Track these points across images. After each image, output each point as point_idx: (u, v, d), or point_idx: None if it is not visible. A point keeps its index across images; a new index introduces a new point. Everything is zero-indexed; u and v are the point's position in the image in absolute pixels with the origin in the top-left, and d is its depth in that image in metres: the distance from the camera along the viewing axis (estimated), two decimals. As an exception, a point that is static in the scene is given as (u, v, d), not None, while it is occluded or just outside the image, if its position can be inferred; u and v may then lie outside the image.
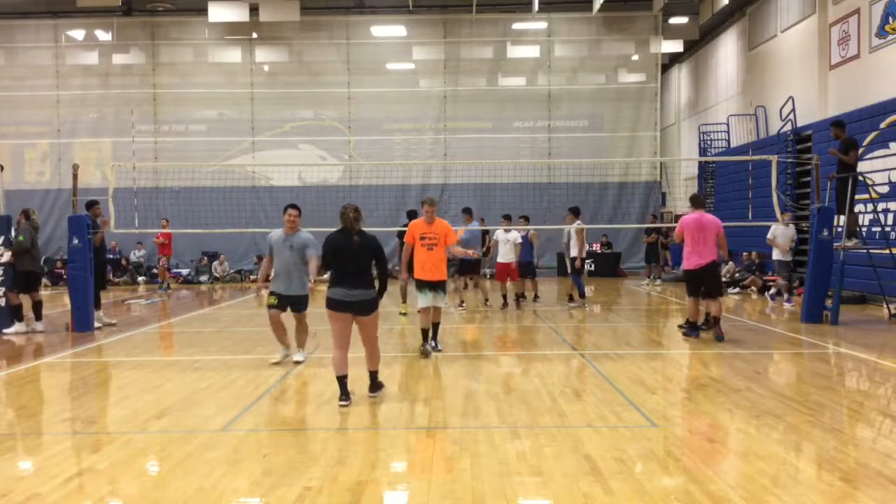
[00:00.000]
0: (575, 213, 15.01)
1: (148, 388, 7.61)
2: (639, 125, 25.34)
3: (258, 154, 25.35)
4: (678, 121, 29.52)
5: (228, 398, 7.10)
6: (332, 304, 6.72)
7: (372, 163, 24.18)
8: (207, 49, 25.65)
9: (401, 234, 11.36)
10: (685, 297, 10.98)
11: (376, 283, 6.88)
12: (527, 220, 15.26)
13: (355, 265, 6.72)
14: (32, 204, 16.80)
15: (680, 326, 11.20)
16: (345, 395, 6.74)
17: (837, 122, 12.93)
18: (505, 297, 14.92)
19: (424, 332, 9.36)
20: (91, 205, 12.68)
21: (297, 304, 8.81)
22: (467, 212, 14.95)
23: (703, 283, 10.42)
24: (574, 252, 14.62)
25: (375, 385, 7.08)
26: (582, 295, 14.96)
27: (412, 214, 12.79)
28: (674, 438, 5.71)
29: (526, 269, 14.94)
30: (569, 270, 15.01)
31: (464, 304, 14.63)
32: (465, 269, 15.12)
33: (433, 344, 9.45)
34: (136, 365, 9.05)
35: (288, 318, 8.86)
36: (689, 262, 10.45)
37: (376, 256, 6.83)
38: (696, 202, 10.72)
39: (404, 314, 13.39)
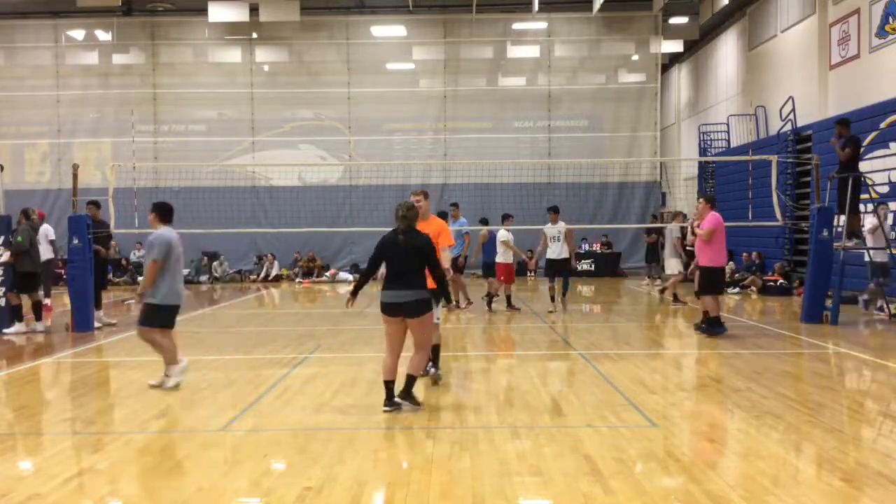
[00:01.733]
0: (557, 211, 14.17)
1: (148, 388, 7.60)
2: (639, 125, 25.33)
3: (258, 154, 25.35)
4: (678, 121, 29.52)
5: (228, 398, 7.10)
6: (383, 308, 6.45)
7: (372, 163, 24.17)
8: (207, 49, 25.65)
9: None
10: (689, 296, 11.00)
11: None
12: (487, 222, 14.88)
13: (403, 265, 6.41)
14: (32, 204, 16.74)
15: (701, 329, 10.95)
16: (389, 401, 6.44)
17: (842, 121, 12.84)
18: (509, 297, 14.30)
19: None
20: (88, 203, 12.69)
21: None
22: (455, 206, 14.39)
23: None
24: (565, 253, 13.90)
25: (408, 393, 6.53)
26: (563, 296, 14.19)
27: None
28: (674, 438, 5.71)
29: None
30: (557, 272, 14.01)
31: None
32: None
33: (431, 370, 7.80)
34: (136, 365, 9.04)
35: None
36: (724, 259, 10.71)
37: (424, 256, 6.44)
38: (715, 202, 10.87)
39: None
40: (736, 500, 4.36)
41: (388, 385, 6.49)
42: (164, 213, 7.70)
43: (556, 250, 13.85)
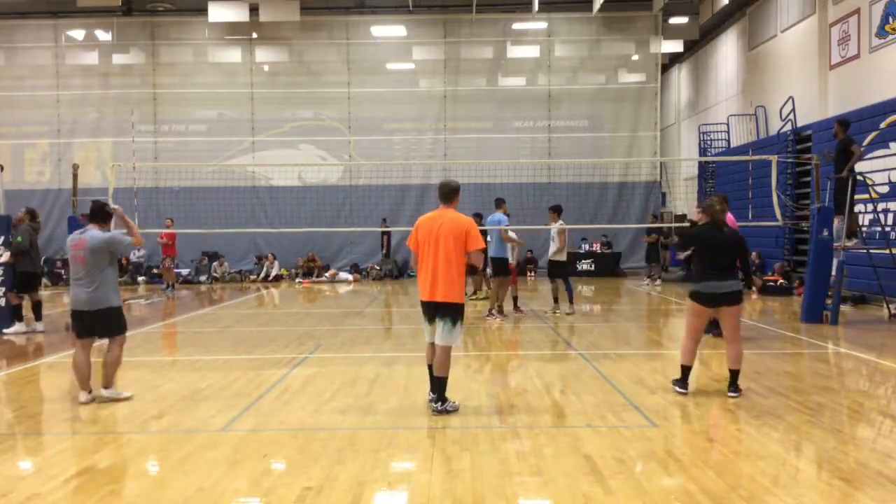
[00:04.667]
0: (558, 211, 13.80)
1: (148, 388, 7.61)
2: (639, 125, 25.33)
3: (258, 154, 25.35)
4: (678, 121, 29.52)
5: (228, 398, 7.10)
6: (706, 299, 6.86)
7: (372, 163, 24.18)
8: (207, 49, 25.65)
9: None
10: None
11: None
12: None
13: (726, 258, 6.86)
14: (32, 204, 16.78)
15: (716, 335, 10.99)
16: (683, 383, 7.02)
17: (842, 121, 12.84)
18: (515, 298, 13.97)
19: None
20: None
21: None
22: (502, 201, 13.67)
23: None
24: (556, 254, 13.59)
25: (735, 386, 6.96)
26: (570, 301, 13.75)
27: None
28: (674, 438, 5.71)
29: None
30: (549, 272, 13.81)
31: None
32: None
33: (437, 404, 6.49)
34: (137, 365, 9.04)
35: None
36: None
37: (743, 249, 6.99)
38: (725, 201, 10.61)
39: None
40: (736, 500, 4.37)
41: (686, 370, 7.05)
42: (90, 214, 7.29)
43: (551, 250, 13.81)
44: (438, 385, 6.38)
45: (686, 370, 7.07)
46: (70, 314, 7.17)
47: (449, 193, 6.45)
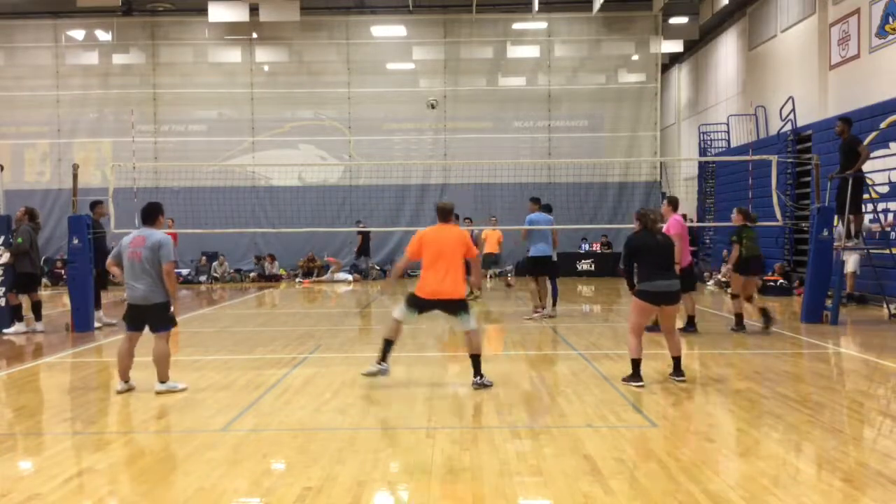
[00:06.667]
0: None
1: (148, 388, 7.60)
2: (639, 125, 25.32)
3: (258, 154, 25.35)
4: (678, 121, 29.51)
5: (228, 398, 7.10)
6: (653, 297, 7.36)
7: (372, 163, 24.18)
8: (207, 49, 25.63)
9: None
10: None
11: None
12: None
13: (664, 259, 7.46)
14: (32, 204, 16.75)
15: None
16: (638, 377, 7.38)
17: (846, 119, 12.88)
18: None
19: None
20: (95, 204, 12.67)
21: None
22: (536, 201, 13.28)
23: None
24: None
25: (680, 370, 7.62)
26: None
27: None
28: (674, 438, 5.71)
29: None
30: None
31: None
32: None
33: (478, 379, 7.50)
34: (137, 365, 9.00)
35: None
36: (689, 258, 10.94)
37: (672, 252, 7.66)
38: (677, 204, 11.05)
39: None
40: (736, 500, 4.37)
41: (638, 364, 7.43)
42: (143, 214, 7.70)
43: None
44: (477, 363, 7.46)
45: (637, 364, 7.40)
46: (126, 307, 7.54)
47: (448, 213, 7.78)
